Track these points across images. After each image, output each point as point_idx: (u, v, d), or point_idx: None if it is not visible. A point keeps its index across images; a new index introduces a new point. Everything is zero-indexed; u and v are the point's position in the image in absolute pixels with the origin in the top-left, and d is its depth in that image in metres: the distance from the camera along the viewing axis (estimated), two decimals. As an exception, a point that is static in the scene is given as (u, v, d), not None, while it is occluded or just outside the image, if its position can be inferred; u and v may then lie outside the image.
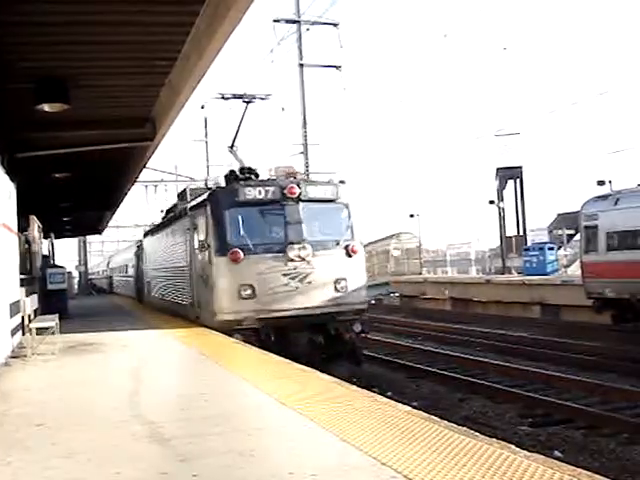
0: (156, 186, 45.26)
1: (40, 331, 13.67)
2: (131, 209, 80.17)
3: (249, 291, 14.18)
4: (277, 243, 14.64)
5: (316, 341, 14.53)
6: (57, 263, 31.74)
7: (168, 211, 24.04)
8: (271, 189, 14.96)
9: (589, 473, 4.68)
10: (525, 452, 5.18)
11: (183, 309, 18.50)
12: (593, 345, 18.64)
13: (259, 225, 14.95)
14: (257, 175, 15.96)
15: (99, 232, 46.71)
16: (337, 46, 32.14)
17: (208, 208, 15.26)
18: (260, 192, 14.88)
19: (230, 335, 13.56)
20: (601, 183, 30.95)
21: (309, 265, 14.49)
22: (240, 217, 14.61)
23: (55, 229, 33.74)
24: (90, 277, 61.13)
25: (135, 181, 24.11)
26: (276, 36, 29.98)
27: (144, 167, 21.53)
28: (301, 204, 14.98)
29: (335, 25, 30.65)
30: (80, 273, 53.42)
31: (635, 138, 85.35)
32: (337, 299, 14.70)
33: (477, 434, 5.74)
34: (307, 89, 31.15)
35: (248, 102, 17.02)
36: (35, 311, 15.88)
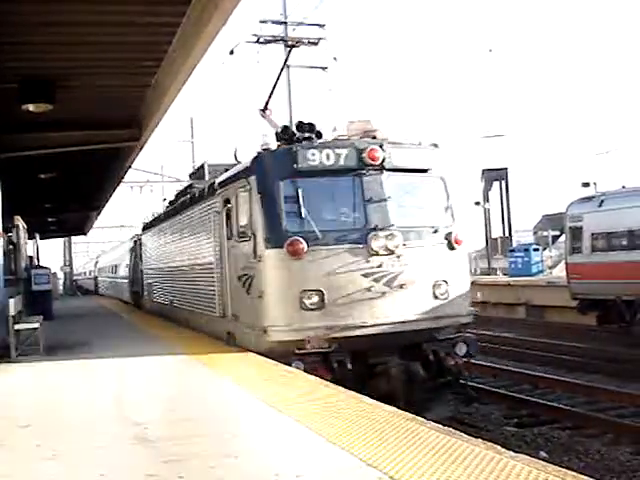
0: (142, 187, 45.07)
1: (24, 332, 13.59)
2: (117, 210, 79.90)
3: (315, 299, 10.22)
4: (354, 229, 10.65)
5: (414, 371, 10.50)
6: (42, 264, 31.62)
7: (178, 195, 19.50)
8: (344, 152, 10.86)
9: (574, 473, 4.69)
10: (511, 452, 5.20)
11: (207, 322, 14.22)
12: (578, 346, 18.72)
13: (328, 203, 11.06)
14: (320, 134, 11.59)
15: (84, 233, 46.55)
16: (323, 47, 32.05)
17: (253, 180, 11.02)
18: (328, 156, 10.81)
19: (287, 363, 9.75)
20: (586, 185, 31.21)
21: (399, 261, 10.51)
22: (301, 192, 10.53)
23: (40, 229, 33.59)
24: (75, 278, 60.92)
25: (120, 182, 24.03)
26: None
27: (129, 168, 21.47)
28: (385, 174, 10.94)
29: (321, 26, 30.62)
30: (65, 274, 53.24)
31: (620, 140, 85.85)
32: (437, 310, 10.76)
33: (463, 434, 5.76)
34: (295, 89, 31.07)
35: (292, 47, 13.61)
36: (20, 312, 15.77)
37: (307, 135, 11.36)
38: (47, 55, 10.16)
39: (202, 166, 17.38)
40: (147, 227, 24.09)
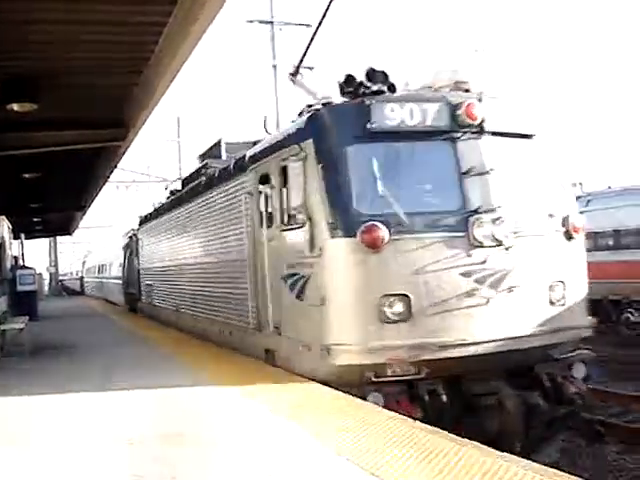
0: (127, 187, 44.94)
1: (9, 333, 13.53)
2: (103, 210, 79.89)
3: (400, 307, 7.65)
4: (449, 212, 8.06)
5: (533, 403, 8.06)
6: (27, 264, 31.48)
7: (187, 180, 16.24)
8: (433, 108, 8.27)
9: (560, 473, 4.72)
10: (497, 452, 5.21)
11: (234, 335, 11.59)
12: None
13: (412, 176, 8.28)
14: (393, 88, 8.81)
15: (69, 233, 46.34)
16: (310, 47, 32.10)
17: (309, 145, 8.43)
18: (412, 113, 8.19)
19: (360, 396, 7.41)
20: (572, 185, 31.36)
21: (509, 255, 7.99)
22: (377, 160, 8.10)
23: (25, 230, 33.41)
24: (61, 279, 60.70)
25: (106, 182, 23.90)
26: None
27: (115, 167, 21.35)
28: (486, 138, 8.37)
29: (308, 26, 30.65)
30: (50, 274, 53.04)
31: (607, 140, 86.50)
32: (553, 320, 8.28)
33: (450, 434, 5.76)
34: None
35: None
36: (4, 313, 15.69)
37: (376, 88, 8.69)
38: (31, 54, 10.06)
39: (218, 143, 14.47)
40: (146, 220, 21.22)
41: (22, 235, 33.54)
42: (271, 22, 30.33)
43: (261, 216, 9.94)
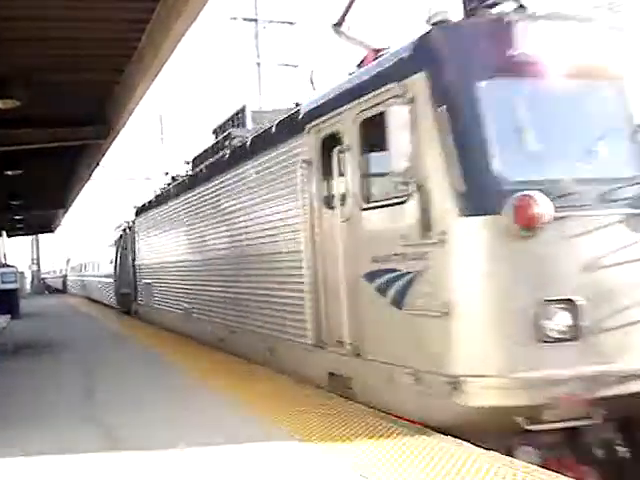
0: (112, 184, 44.84)
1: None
2: (86, 208, 79.65)
3: (566, 318, 5.32)
4: (626, 179, 5.70)
5: None
6: (9, 262, 31.33)
7: (199, 159, 13.56)
8: (597, 32, 6.12)
9: (543, 470, 4.76)
10: (481, 450, 5.23)
11: (279, 350, 9.00)
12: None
13: (574, 128, 5.99)
14: (524, 8, 6.06)
15: (52, 231, 46.11)
16: (294, 45, 32.05)
17: (421, 80, 5.88)
18: (572, 38, 5.97)
19: (507, 453, 5.17)
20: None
21: None
22: (525, 104, 5.77)
23: (7, 228, 33.22)
24: (44, 277, 60.30)
25: (88, 179, 23.78)
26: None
27: (97, 165, 21.26)
28: None
29: (291, 24, 30.66)
30: (32, 272, 52.78)
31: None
32: None
33: (435, 433, 5.78)
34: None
35: None
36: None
37: (500, 10, 6.04)
38: (14, 51, 10.01)
39: (242, 110, 12.12)
40: (145, 210, 18.41)
41: (3, 233, 33.35)
42: (255, 20, 30.27)
43: (328, 191, 7.50)
